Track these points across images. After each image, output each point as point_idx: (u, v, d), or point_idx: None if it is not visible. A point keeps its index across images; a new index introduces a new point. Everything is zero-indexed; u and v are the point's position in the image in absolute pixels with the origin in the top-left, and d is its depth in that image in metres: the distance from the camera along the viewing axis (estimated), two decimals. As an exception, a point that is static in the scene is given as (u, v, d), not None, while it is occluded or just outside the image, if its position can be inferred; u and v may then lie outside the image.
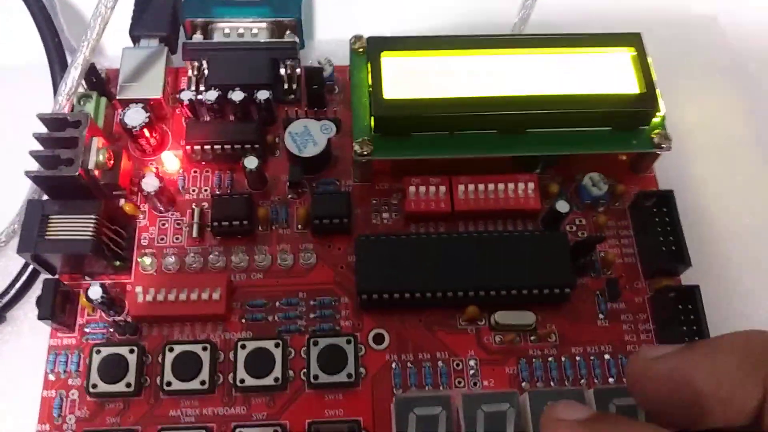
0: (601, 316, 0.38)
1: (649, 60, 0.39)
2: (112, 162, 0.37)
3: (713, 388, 0.22)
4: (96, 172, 0.35)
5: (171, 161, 0.40)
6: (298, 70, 0.42)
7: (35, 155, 0.34)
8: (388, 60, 0.38)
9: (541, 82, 0.38)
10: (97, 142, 0.35)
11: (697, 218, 0.41)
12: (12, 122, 0.43)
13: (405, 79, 0.38)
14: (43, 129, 0.36)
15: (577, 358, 0.36)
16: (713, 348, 0.23)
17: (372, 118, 0.37)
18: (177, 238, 0.38)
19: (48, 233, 0.35)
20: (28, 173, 0.34)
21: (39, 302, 0.35)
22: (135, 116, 0.38)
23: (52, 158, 0.34)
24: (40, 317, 0.34)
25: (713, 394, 0.22)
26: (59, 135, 0.35)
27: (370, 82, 0.38)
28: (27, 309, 0.39)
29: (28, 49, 0.43)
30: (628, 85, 0.38)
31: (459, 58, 0.39)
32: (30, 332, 0.38)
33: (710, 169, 0.43)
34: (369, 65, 0.38)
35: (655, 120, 0.39)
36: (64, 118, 0.35)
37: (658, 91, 0.38)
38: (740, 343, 0.23)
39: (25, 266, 0.39)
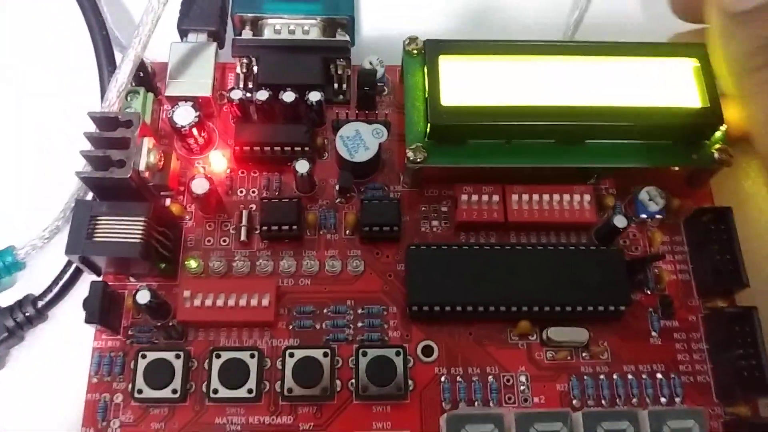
0: (654, 333, 0.37)
1: (713, 71, 0.38)
2: (162, 163, 0.36)
3: None
4: (146, 174, 0.35)
5: (218, 161, 0.39)
6: (348, 71, 0.41)
7: (86, 155, 0.34)
8: (446, 64, 0.37)
9: (601, 92, 0.37)
10: (148, 142, 0.35)
11: (752, 236, 0.39)
12: (58, 117, 0.42)
13: (462, 84, 0.37)
14: (92, 127, 0.35)
15: (629, 377, 0.36)
16: None
17: (428, 125, 0.36)
18: (224, 241, 0.38)
19: (96, 235, 0.34)
20: (79, 173, 0.34)
21: (86, 305, 0.34)
22: (185, 115, 0.37)
23: (103, 159, 0.34)
24: (87, 321, 0.34)
25: None
26: (111, 135, 0.34)
27: (426, 86, 0.37)
28: (69, 308, 0.38)
29: (75, 44, 0.43)
30: (691, 97, 0.37)
31: (517, 63, 0.38)
32: (73, 332, 0.37)
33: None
34: (425, 69, 0.37)
35: (717, 135, 0.37)
36: (115, 117, 0.34)
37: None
38: None
39: (69, 264, 0.38)
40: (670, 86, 0.38)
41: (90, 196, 0.38)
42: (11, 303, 0.38)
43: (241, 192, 0.39)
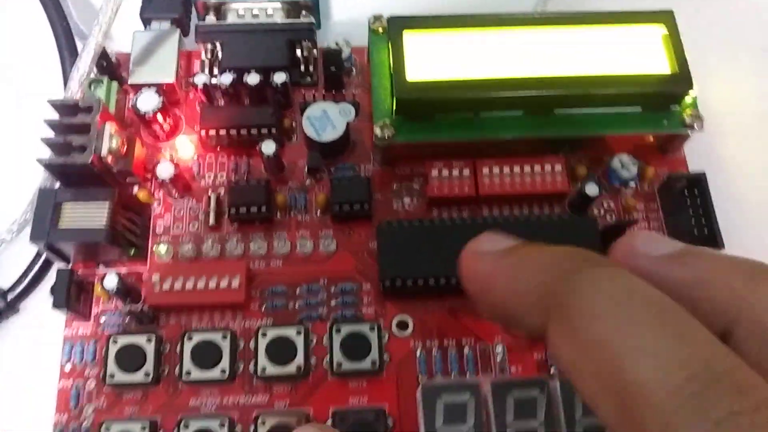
0: (630, 302, 0.36)
1: (681, 38, 0.37)
2: (125, 148, 0.36)
3: (509, 306, 0.22)
4: (109, 159, 0.34)
5: (185, 147, 0.39)
6: (315, 52, 0.40)
7: (47, 142, 0.33)
8: (410, 39, 0.37)
9: (569, 61, 0.37)
10: (110, 127, 0.34)
11: (727, 201, 0.39)
12: (22, 109, 0.42)
13: (427, 58, 0.36)
14: (54, 115, 0.35)
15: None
16: (519, 265, 0.22)
17: (394, 100, 0.36)
18: (193, 226, 0.38)
19: (61, 222, 0.34)
20: (40, 160, 0.33)
21: (53, 291, 0.34)
22: (148, 101, 0.37)
23: (64, 145, 0.33)
24: (55, 306, 0.34)
25: (509, 309, 0.22)
26: (71, 121, 0.34)
27: (391, 61, 0.36)
28: (40, 299, 0.38)
29: (36, 35, 0.42)
30: (659, 64, 0.37)
31: (482, 35, 0.37)
32: (44, 323, 0.37)
33: (742, 150, 0.42)
34: (390, 45, 0.37)
35: (687, 100, 0.37)
36: (75, 104, 0.34)
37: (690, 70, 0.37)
38: (540, 273, 0.21)
39: (38, 256, 0.38)
40: (639, 53, 0.37)
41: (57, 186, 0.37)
42: (-19, 297, 0.37)
43: (209, 177, 0.39)
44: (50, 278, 0.38)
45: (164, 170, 0.36)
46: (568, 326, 0.20)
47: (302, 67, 0.41)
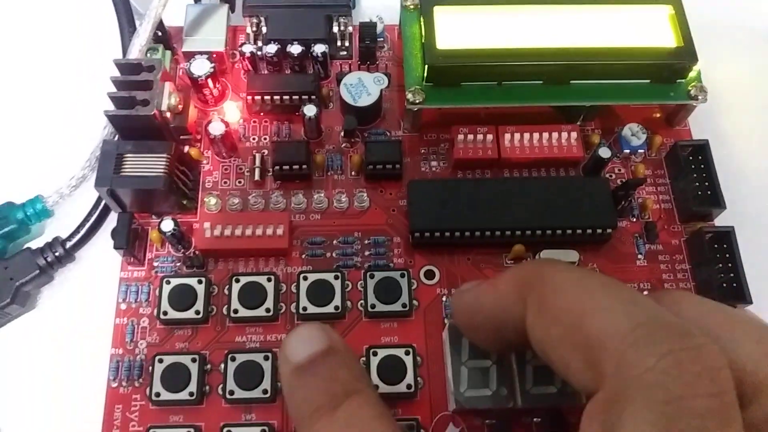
0: (640, 256, 0.40)
1: (687, 18, 0.41)
2: (181, 107, 0.39)
3: (497, 311, 0.27)
4: (168, 115, 0.38)
5: (232, 111, 0.42)
6: (350, 28, 0.44)
7: (112, 96, 0.37)
8: (440, 13, 0.40)
9: (585, 36, 0.40)
10: (169, 86, 0.38)
11: (729, 172, 0.42)
12: (82, 75, 0.45)
13: (456, 31, 0.40)
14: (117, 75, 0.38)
15: (619, 295, 0.38)
16: (498, 279, 0.28)
17: (425, 67, 0.39)
18: (239, 182, 0.41)
19: (123, 170, 0.37)
20: (107, 112, 0.37)
21: (114, 233, 0.37)
22: (201, 66, 0.40)
23: (129, 99, 0.37)
24: (116, 247, 0.37)
25: (497, 316, 0.27)
26: (135, 78, 0.37)
27: (423, 33, 0.40)
28: (96, 250, 0.41)
29: (98, 10, 0.46)
30: (666, 39, 0.40)
31: (506, 12, 0.41)
32: (99, 270, 0.40)
33: (743, 125, 0.45)
34: (422, 19, 0.40)
35: (692, 74, 0.41)
36: (138, 63, 0.38)
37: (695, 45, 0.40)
38: (515, 273, 0.27)
39: (94, 208, 0.41)
40: (648, 30, 0.41)
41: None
42: (41, 246, 0.40)
43: (254, 139, 0.42)
44: (105, 230, 0.41)
45: (216, 128, 0.39)
46: (541, 305, 0.25)
47: (338, 42, 0.44)
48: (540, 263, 0.28)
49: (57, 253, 0.40)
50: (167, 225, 0.37)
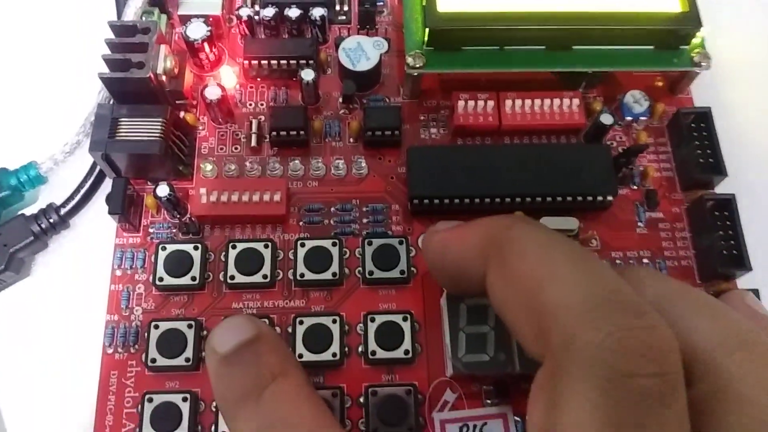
0: (640, 224, 0.39)
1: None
2: (177, 70, 0.38)
3: (460, 262, 0.28)
4: (163, 78, 0.37)
5: (228, 77, 0.42)
6: (349, -7, 0.43)
7: (107, 58, 0.36)
8: (441, -24, 0.39)
9: (588, 0, 0.39)
10: (165, 49, 0.37)
11: (730, 140, 0.42)
12: (74, 39, 0.45)
13: (456, -5, 0.39)
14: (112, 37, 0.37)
15: (618, 262, 0.38)
16: (467, 229, 0.28)
17: (426, 30, 0.39)
18: (236, 148, 0.40)
19: (118, 134, 0.36)
20: (101, 74, 0.36)
21: (109, 199, 0.37)
22: (197, 30, 0.40)
23: (124, 61, 0.36)
24: (111, 212, 0.36)
25: (460, 266, 0.28)
26: (130, 41, 0.37)
27: (423, -3, 0.39)
28: (90, 216, 0.40)
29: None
30: (671, 4, 0.40)
31: (508, -25, 0.40)
32: (94, 236, 0.40)
33: (745, 94, 0.45)
34: (422, -18, 0.40)
35: (696, 41, 0.40)
36: (134, 25, 0.37)
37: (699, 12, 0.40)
38: (484, 226, 0.27)
39: (88, 175, 0.40)
40: (651, -4, 0.40)
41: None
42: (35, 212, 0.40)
43: (250, 105, 0.41)
44: (99, 197, 0.40)
45: (212, 92, 0.38)
46: (502, 266, 0.25)
47: (337, 6, 0.43)
48: (511, 221, 0.27)
49: (51, 220, 0.39)
50: (163, 190, 0.36)
